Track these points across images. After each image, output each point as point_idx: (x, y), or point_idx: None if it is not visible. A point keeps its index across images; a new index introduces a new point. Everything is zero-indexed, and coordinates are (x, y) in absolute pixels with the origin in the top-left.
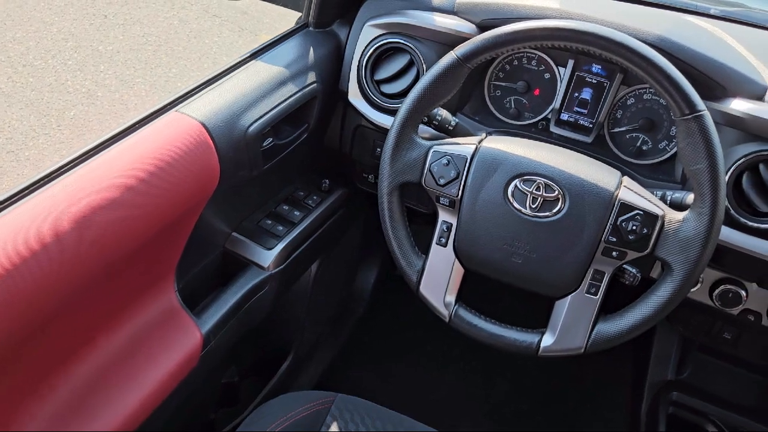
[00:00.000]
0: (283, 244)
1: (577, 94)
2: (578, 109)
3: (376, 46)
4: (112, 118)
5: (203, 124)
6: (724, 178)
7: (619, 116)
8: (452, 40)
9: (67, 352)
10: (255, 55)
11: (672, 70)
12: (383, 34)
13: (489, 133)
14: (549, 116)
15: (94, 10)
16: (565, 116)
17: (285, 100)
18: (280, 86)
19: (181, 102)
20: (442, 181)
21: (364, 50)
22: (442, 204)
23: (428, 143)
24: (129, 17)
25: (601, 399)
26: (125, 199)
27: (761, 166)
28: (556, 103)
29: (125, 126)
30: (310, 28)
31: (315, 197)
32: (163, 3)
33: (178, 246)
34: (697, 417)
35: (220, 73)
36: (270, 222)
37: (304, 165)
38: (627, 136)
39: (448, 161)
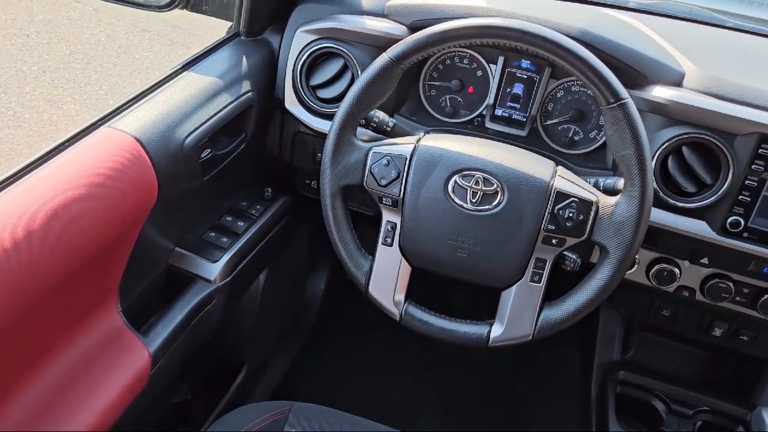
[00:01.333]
0: (229, 256)
1: (509, 90)
2: (511, 104)
3: (309, 51)
4: (42, 140)
5: (137, 139)
6: (651, 162)
7: (550, 109)
8: (384, 42)
9: (9, 379)
10: (187, 66)
11: (595, 61)
12: (316, 40)
13: (427, 132)
14: (484, 112)
15: (16, 30)
16: (499, 112)
17: (220, 110)
18: (214, 97)
19: (113, 117)
20: (383, 182)
21: (297, 57)
22: (385, 204)
23: (367, 145)
24: (53, 35)
25: (552, 383)
26: (58, 221)
27: (684, 149)
28: (490, 100)
29: (54, 145)
30: (242, 37)
31: (258, 207)
32: (89, 20)
33: (119, 265)
34: (644, 393)
35: (152, 86)
36: (213, 234)
37: (245, 175)
38: (559, 128)
39: (388, 162)
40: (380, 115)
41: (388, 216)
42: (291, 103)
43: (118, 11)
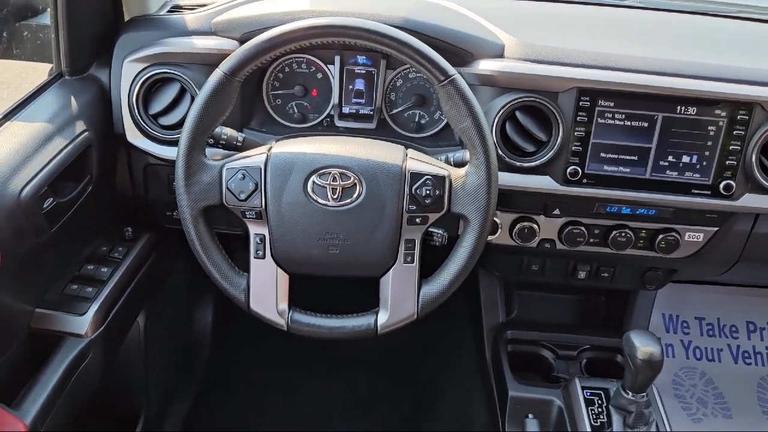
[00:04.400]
0: (97, 306)
1: (351, 87)
2: (356, 100)
3: (141, 81)
4: None
5: None
6: (489, 129)
7: (393, 98)
8: (217, 59)
9: None
10: (8, 116)
11: (420, 45)
12: (146, 68)
13: (278, 140)
14: (332, 112)
15: None
16: (346, 109)
17: (55, 156)
18: (45, 143)
19: None
20: (242, 196)
21: (130, 88)
22: (250, 218)
23: (219, 163)
24: None
25: (451, 359)
26: None
27: (518, 113)
28: (335, 99)
29: None
30: (66, 77)
31: (120, 249)
32: None
33: None
34: (533, 346)
35: None
36: (76, 286)
37: (100, 218)
38: (405, 115)
39: (244, 175)
40: (228, 131)
41: (255, 229)
42: (133, 137)
43: None
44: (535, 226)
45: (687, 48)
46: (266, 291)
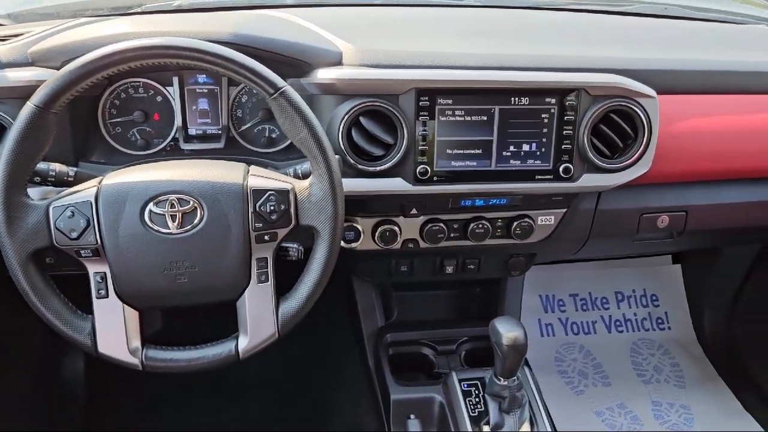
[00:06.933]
0: None
1: (195, 107)
2: (202, 120)
3: None
4: None
5: None
6: (326, 137)
7: (240, 115)
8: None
9: None
10: None
11: (244, 59)
12: None
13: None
14: (177, 136)
15: None
16: (192, 131)
17: None
18: None
19: None
20: (74, 235)
21: None
22: (86, 257)
23: (44, 202)
24: None
25: (339, 370)
26: None
27: (362, 119)
28: (178, 122)
29: None
30: None
31: None
32: None
33: None
34: (413, 346)
35: None
36: None
37: None
38: (255, 131)
39: (73, 212)
40: (56, 167)
41: (93, 268)
42: None
43: None
44: (396, 228)
45: (519, 42)
46: (114, 331)
